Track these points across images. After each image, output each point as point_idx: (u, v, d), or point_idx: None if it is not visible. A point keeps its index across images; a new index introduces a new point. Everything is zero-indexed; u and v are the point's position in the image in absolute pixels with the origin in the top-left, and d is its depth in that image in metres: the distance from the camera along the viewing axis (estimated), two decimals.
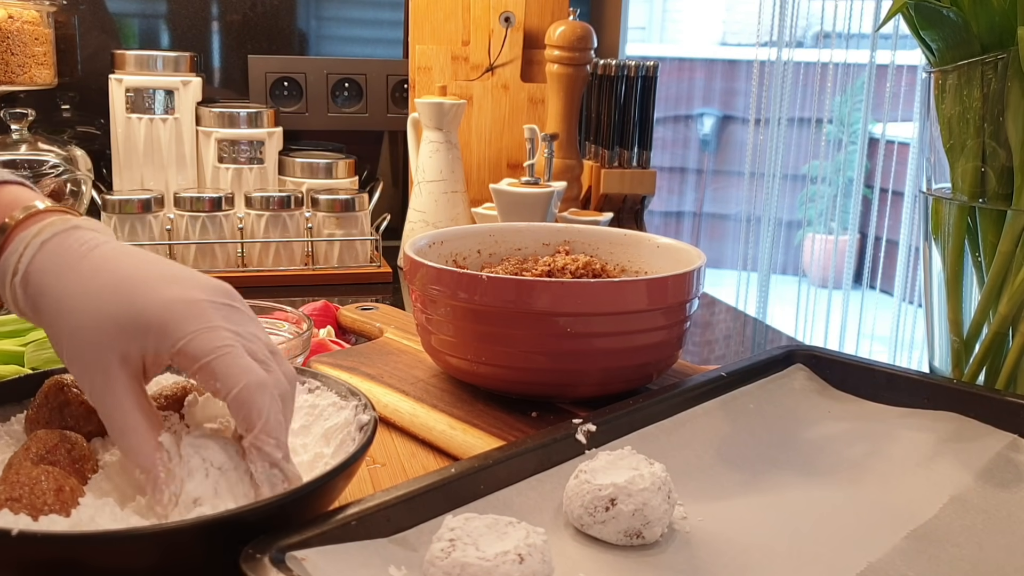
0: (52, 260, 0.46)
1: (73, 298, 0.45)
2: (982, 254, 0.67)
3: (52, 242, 0.46)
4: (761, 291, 2.55)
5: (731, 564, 0.45)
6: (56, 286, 0.45)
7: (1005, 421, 0.58)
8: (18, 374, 0.67)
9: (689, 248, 0.71)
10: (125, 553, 0.39)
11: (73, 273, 0.45)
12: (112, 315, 0.44)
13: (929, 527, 0.48)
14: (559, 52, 1.22)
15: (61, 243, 0.46)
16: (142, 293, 0.44)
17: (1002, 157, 0.64)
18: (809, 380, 0.66)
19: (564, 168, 1.24)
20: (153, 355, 0.44)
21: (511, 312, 0.60)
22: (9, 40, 1.14)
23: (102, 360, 0.44)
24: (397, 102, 1.42)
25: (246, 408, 0.43)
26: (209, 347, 0.43)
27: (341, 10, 1.42)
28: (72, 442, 0.47)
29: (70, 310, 0.44)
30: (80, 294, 0.45)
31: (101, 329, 0.44)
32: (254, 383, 0.43)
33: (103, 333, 0.44)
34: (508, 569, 0.39)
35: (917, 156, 2.24)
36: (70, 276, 0.45)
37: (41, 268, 0.45)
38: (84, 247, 0.46)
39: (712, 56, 3.93)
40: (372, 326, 0.84)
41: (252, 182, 1.26)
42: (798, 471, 0.55)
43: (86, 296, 0.44)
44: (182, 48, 1.34)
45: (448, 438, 0.60)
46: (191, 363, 0.43)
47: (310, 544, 0.40)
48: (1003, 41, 0.63)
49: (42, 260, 0.46)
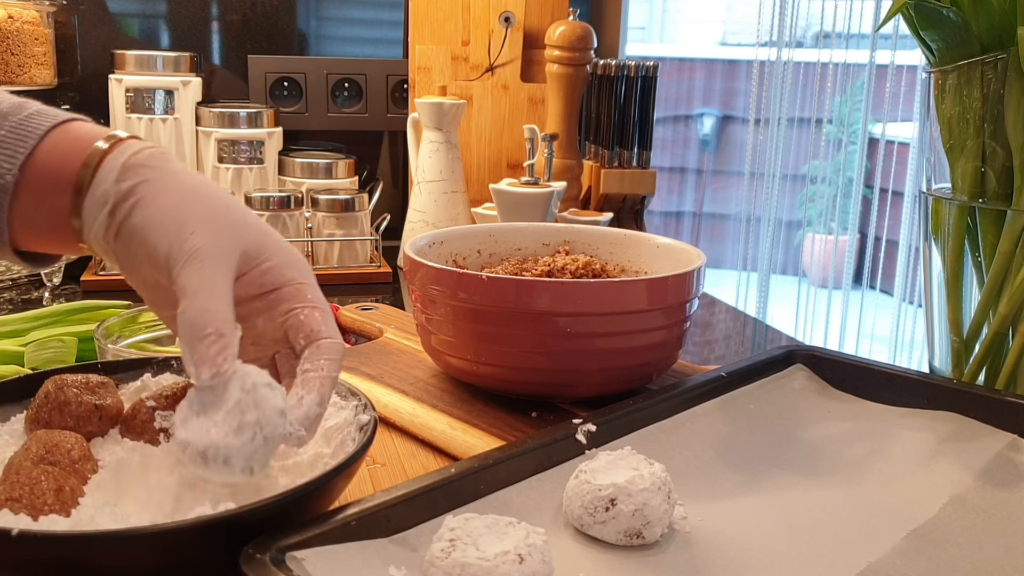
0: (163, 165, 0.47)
1: (204, 195, 0.47)
2: (982, 254, 0.67)
3: (157, 152, 0.48)
4: (761, 291, 2.55)
5: (731, 564, 0.45)
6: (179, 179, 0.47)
7: (1005, 421, 0.58)
8: (18, 374, 0.67)
9: (689, 248, 0.71)
10: (125, 553, 0.39)
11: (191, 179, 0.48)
12: (248, 225, 0.47)
13: (929, 527, 0.48)
14: (559, 52, 1.22)
15: (167, 157, 0.48)
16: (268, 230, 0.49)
17: (1002, 157, 0.64)
18: (809, 380, 0.66)
19: (564, 168, 1.24)
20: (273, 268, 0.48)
21: (511, 312, 0.60)
22: (9, 40, 1.14)
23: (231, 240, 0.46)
24: (397, 102, 1.42)
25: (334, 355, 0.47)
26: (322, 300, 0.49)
27: (341, 10, 1.42)
28: (72, 442, 0.47)
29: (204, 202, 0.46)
30: (210, 194, 0.47)
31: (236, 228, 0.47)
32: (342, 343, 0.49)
33: (238, 231, 0.46)
34: (508, 569, 0.39)
35: (917, 156, 2.24)
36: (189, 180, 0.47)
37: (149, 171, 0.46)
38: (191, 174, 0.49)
39: (712, 56, 3.93)
40: (372, 326, 0.84)
41: (252, 182, 1.26)
42: (798, 471, 0.55)
43: (217, 199, 0.47)
44: (182, 48, 1.34)
45: (448, 438, 0.60)
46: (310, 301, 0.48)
47: (310, 544, 0.40)
48: (1003, 41, 0.63)
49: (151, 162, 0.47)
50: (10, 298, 1.04)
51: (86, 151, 0.47)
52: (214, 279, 0.44)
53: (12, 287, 1.08)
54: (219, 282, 0.44)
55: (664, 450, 0.55)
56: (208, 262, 0.44)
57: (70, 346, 0.74)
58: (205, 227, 0.45)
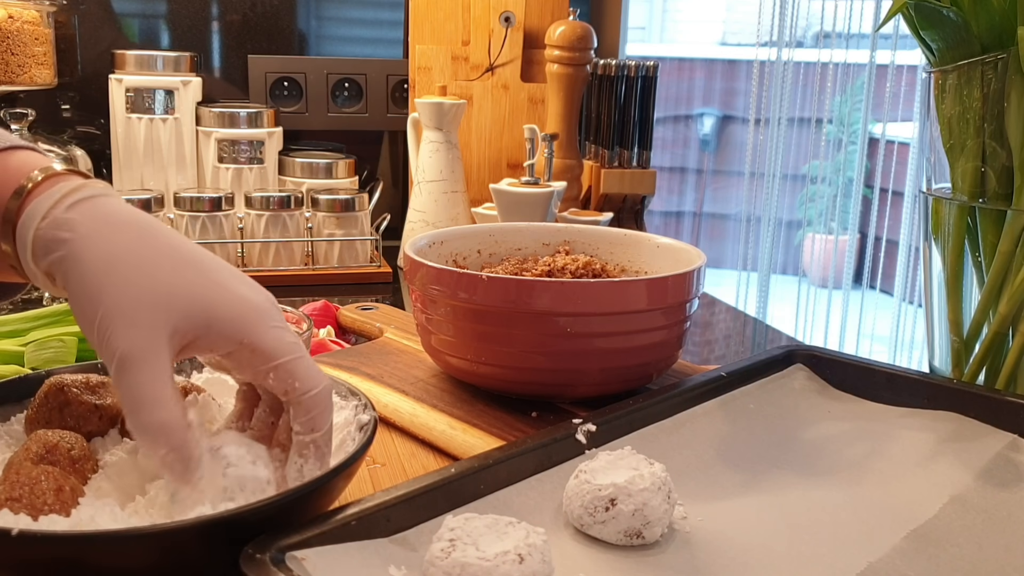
0: (95, 217, 0.43)
1: (128, 262, 0.43)
2: (982, 254, 0.67)
3: (92, 201, 0.44)
4: (761, 291, 2.55)
5: (731, 564, 0.45)
6: (105, 244, 0.43)
7: (1005, 421, 0.58)
8: (18, 374, 0.67)
9: (689, 248, 0.71)
10: (125, 553, 0.39)
11: (124, 237, 0.43)
12: (179, 292, 0.43)
13: (929, 527, 0.48)
14: (559, 52, 1.22)
15: (101, 206, 0.44)
16: (212, 282, 0.44)
17: (1002, 157, 0.64)
18: (809, 380, 0.66)
19: (564, 168, 1.24)
20: (210, 341, 0.44)
21: (511, 312, 0.60)
22: (9, 40, 1.14)
23: (153, 327, 0.42)
24: (397, 102, 1.42)
25: (319, 409, 0.45)
26: (286, 348, 0.45)
27: (341, 10, 1.42)
28: (72, 442, 0.47)
29: (124, 273, 0.42)
30: (137, 259, 0.43)
31: (163, 301, 0.42)
32: (328, 388, 0.46)
33: (164, 306, 0.42)
34: (508, 569, 0.39)
35: (917, 156, 2.24)
36: (121, 239, 0.43)
37: (85, 222, 0.43)
38: (131, 212, 0.45)
39: (712, 56, 3.93)
40: (372, 326, 0.84)
41: (252, 182, 1.26)
42: (798, 471, 0.55)
43: (146, 266, 0.43)
44: (182, 48, 1.34)
45: (448, 438, 0.60)
46: (265, 360, 0.44)
47: (310, 544, 0.40)
48: (1003, 41, 0.63)
49: (85, 213, 0.43)
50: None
51: (18, 182, 0.44)
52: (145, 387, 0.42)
53: None
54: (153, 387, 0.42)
55: (664, 450, 0.55)
56: (135, 367, 0.41)
57: (70, 346, 0.74)
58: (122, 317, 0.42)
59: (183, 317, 0.43)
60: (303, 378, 0.45)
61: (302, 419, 0.45)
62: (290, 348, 0.45)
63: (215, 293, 0.44)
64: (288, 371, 0.44)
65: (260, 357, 0.44)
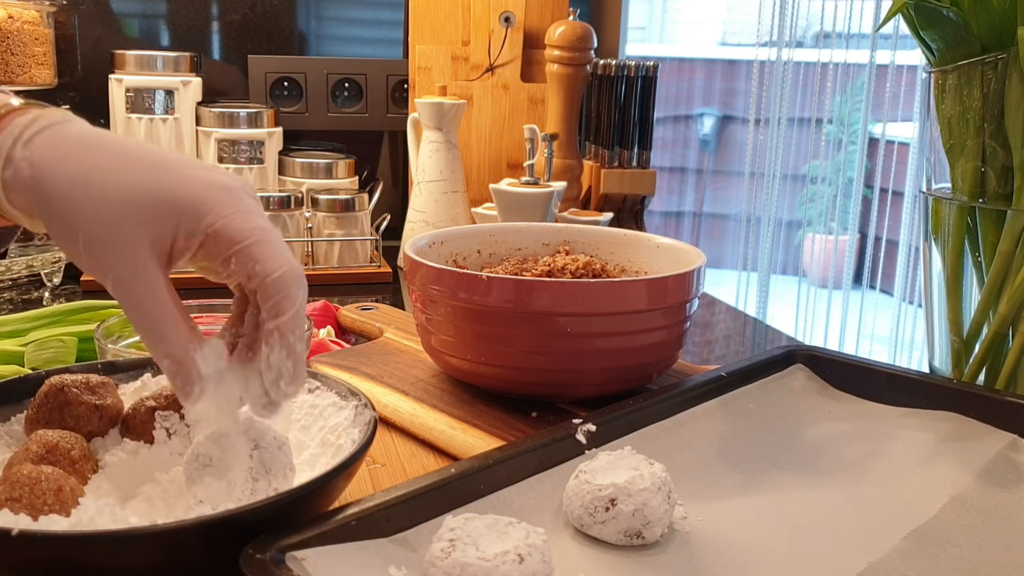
0: (54, 146, 0.43)
1: (92, 182, 0.42)
2: (982, 254, 0.67)
3: (51, 131, 0.43)
4: (761, 291, 2.55)
5: (731, 564, 0.45)
6: (67, 169, 0.42)
7: (1005, 421, 0.58)
8: (18, 374, 0.67)
9: (689, 248, 0.71)
10: (125, 553, 0.39)
11: (82, 157, 0.43)
12: (142, 196, 0.42)
13: (929, 527, 0.48)
14: (559, 52, 1.22)
15: (61, 131, 0.44)
16: (175, 173, 0.43)
17: (1002, 157, 0.64)
18: (809, 380, 0.66)
19: (564, 168, 1.24)
20: (185, 236, 0.42)
21: (511, 312, 0.60)
22: (9, 40, 1.14)
23: (131, 242, 0.41)
24: (397, 102, 1.42)
25: (282, 294, 0.43)
26: (248, 229, 0.43)
27: (341, 10, 1.42)
28: (72, 442, 0.47)
29: (90, 193, 0.42)
30: (100, 177, 0.42)
31: (130, 208, 0.42)
32: (294, 271, 0.43)
33: (133, 212, 0.42)
34: (508, 569, 0.39)
35: (917, 156, 2.24)
36: (79, 160, 0.43)
37: (44, 153, 0.43)
38: (89, 133, 0.44)
39: (712, 56, 3.93)
40: (372, 326, 0.84)
41: (252, 182, 1.26)
42: (798, 471, 0.55)
43: (107, 179, 0.42)
44: (182, 48, 1.34)
45: (448, 438, 0.60)
46: (228, 244, 0.43)
47: (310, 544, 0.40)
48: (1003, 41, 0.63)
49: (44, 143, 0.43)
50: (10, 298, 1.04)
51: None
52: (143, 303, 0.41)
53: (12, 287, 1.08)
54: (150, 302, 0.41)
55: (664, 450, 0.55)
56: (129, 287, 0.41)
57: (70, 346, 0.74)
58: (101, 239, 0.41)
59: (154, 222, 0.42)
60: (264, 260, 0.43)
61: (266, 304, 0.43)
62: (252, 232, 0.43)
63: (175, 186, 0.43)
64: (248, 255, 0.43)
65: (224, 242, 0.43)
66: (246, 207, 0.44)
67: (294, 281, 0.43)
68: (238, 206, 0.43)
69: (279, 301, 0.43)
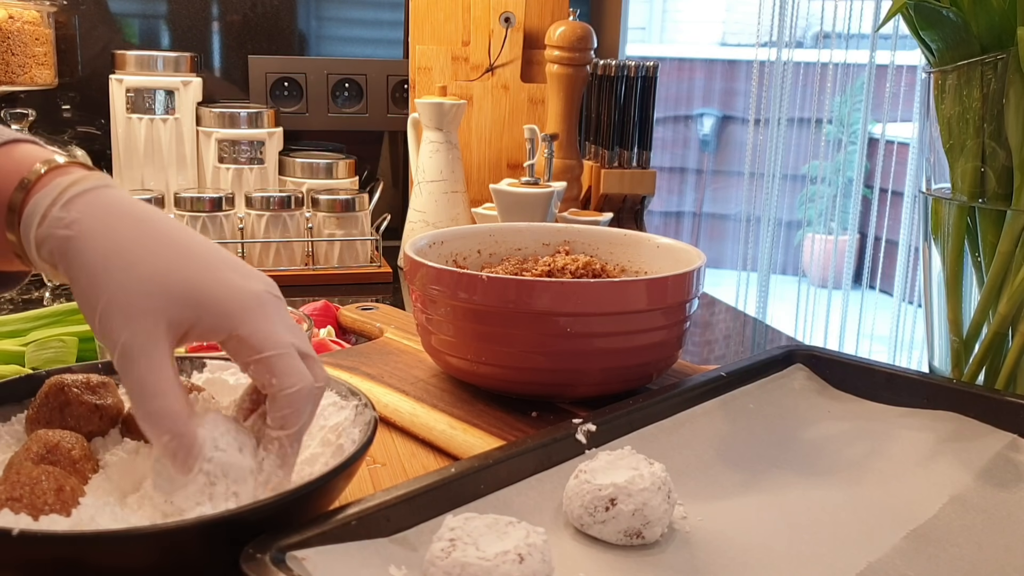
0: (95, 211, 0.44)
1: (124, 255, 0.43)
2: (982, 254, 0.67)
3: (91, 195, 0.45)
4: (761, 291, 2.55)
5: (731, 564, 0.45)
6: (102, 239, 0.43)
7: (1005, 421, 0.58)
8: (18, 374, 0.67)
9: (689, 248, 0.71)
10: (125, 553, 0.39)
11: (123, 228, 0.44)
12: (174, 282, 0.43)
13: (929, 527, 0.48)
14: (559, 52, 1.22)
15: (101, 197, 0.45)
16: (207, 271, 0.44)
17: (1002, 157, 0.64)
18: (809, 380, 0.66)
19: (564, 168, 1.24)
20: (203, 332, 0.44)
21: (511, 312, 0.60)
22: (9, 40, 1.14)
23: (148, 317, 0.43)
24: (397, 102, 1.42)
25: (292, 408, 0.45)
26: (271, 342, 0.44)
27: (341, 10, 1.42)
28: (72, 442, 0.47)
29: (120, 266, 0.43)
30: (133, 253, 0.43)
31: (158, 291, 0.43)
32: (307, 389, 0.45)
33: (160, 296, 0.43)
34: (508, 569, 0.39)
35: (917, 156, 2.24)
36: (120, 231, 0.44)
37: (83, 217, 0.44)
38: (128, 204, 0.45)
39: (712, 56, 3.93)
40: (372, 326, 0.84)
41: (252, 182, 1.26)
42: (798, 471, 0.55)
43: (143, 256, 0.44)
44: (182, 48, 1.34)
45: (448, 438, 0.60)
46: (250, 352, 0.44)
47: (310, 544, 0.40)
48: (1003, 41, 0.63)
49: (83, 208, 0.44)
50: (10, 298, 1.04)
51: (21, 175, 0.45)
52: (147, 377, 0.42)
53: None
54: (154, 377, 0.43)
55: (664, 450, 0.55)
56: (136, 358, 0.42)
57: (70, 346, 0.74)
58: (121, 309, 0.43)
59: (178, 308, 0.43)
60: (281, 375, 0.44)
61: (275, 414, 0.45)
62: (276, 343, 0.44)
63: (209, 284, 0.44)
64: (268, 366, 0.44)
65: (247, 349, 0.44)
66: (273, 319, 0.45)
67: (307, 398, 0.45)
68: (266, 318, 0.45)
69: (288, 415, 0.45)
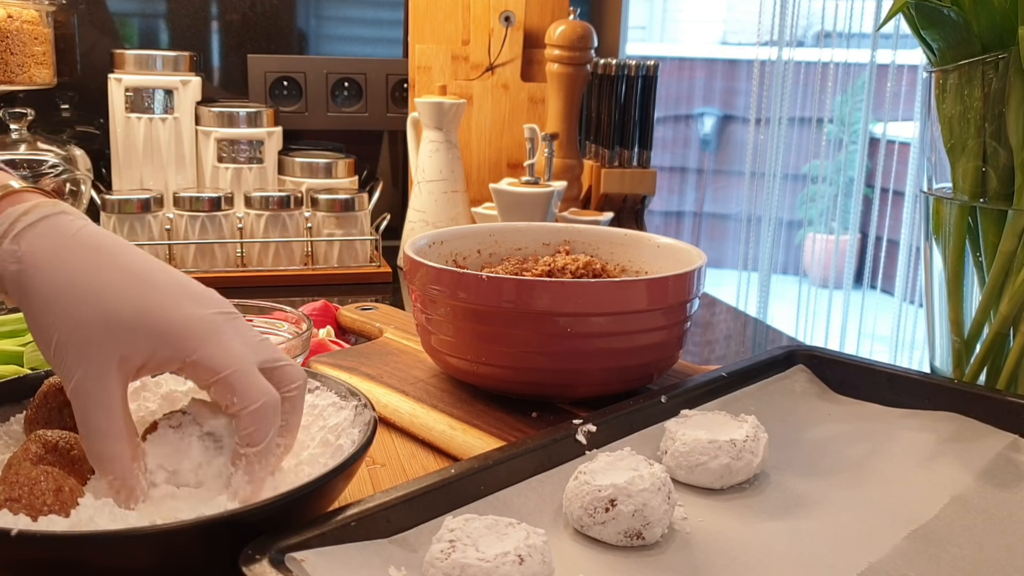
0: (45, 243, 0.44)
1: (75, 288, 0.43)
2: (983, 254, 0.66)
3: (44, 224, 0.45)
4: (762, 291, 2.55)
5: (731, 565, 0.45)
6: (53, 272, 0.44)
7: (1006, 421, 0.58)
8: (18, 374, 0.67)
9: (689, 248, 0.71)
10: (124, 553, 0.39)
11: (75, 260, 0.44)
12: (124, 316, 0.43)
13: (930, 527, 0.48)
14: (559, 51, 1.22)
15: (52, 226, 0.45)
16: (158, 301, 0.44)
17: (1003, 157, 0.64)
18: (810, 383, 0.66)
19: (564, 168, 1.24)
20: (160, 361, 0.44)
21: (511, 312, 0.60)
22: (8, 40, 1.14)
23: (102, 357, 0.43)
24: (397, 102, 1.42)
25: (256, 425, 0.45)
26: (226, 362, 0.44)
27: (341, 10, 1.42)
28: (71, 442, 0.47)
29: (72, 300, 0.43)
30: (84, 285, 0.44)
31: (112, 326, 0.43)
32: (270, 404, 0.45)
33: (113, 331, 0.43)
34: (508, 570, 0.39)
35: (918, 156, 2.24)
36: (69, 262, 0.44)
37: (33, 250, 0.44)
38: (80, 235, 0.45)
39: (712, 56, 3.93)
40: (372, 326, 0.84)
41: (251, 182, 1.26)
42: (798, 471, 0.55)
43: (91, 289, 0.44)
44: (181, 48, 1.34)
45: (448, 438, 0.60)
46: (208, 375, 0.44)
47: (309, 545, 0.40)
48: (1004, 41, 0.63)
49: (33, 241, 0.44)
50: None
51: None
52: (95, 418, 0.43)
53: None
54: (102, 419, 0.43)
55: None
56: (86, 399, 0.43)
57: None
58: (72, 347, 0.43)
59: (132, 342, 0.43)
60: (241, 393, 0.44)
61: (241, 432, 0.45)
62: (231, 362, 0.44)
63: (160, 314, 0.44)
64: (227, 385, 0.44)
65: (204, 372, 0.44)
66: (227, 339, 0.45)
67: (270, 413, 0.45)
68: (219, 340, 0.45)
69: (253, 433, 0.45)
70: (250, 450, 0.45)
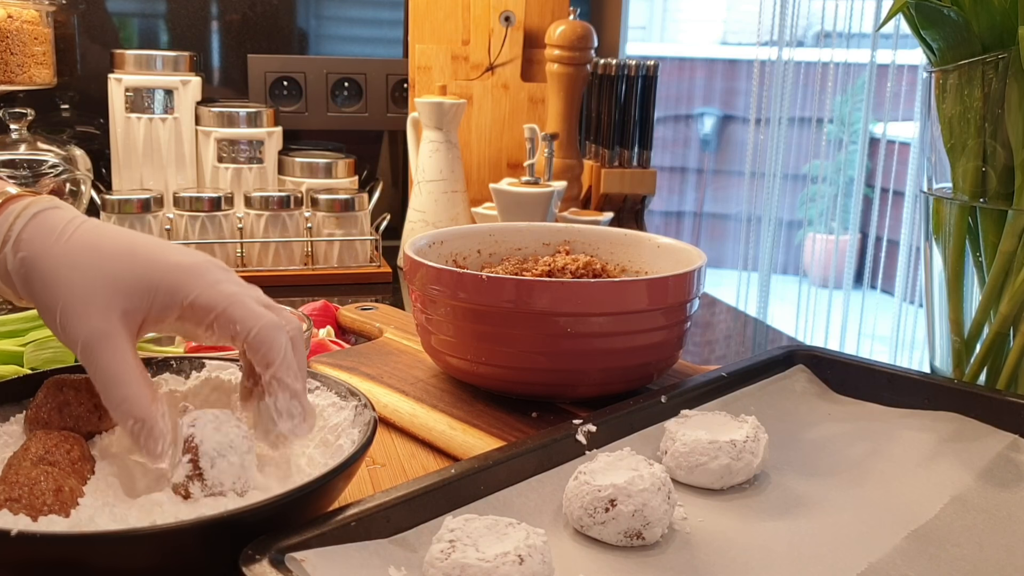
0: (43, 232, 0.47)
1: (77, 260, 0.46)
2: (983, 254, 0.66)
3: (40, 216, 0.48)
4: (762, 291, 2.54)
5: (731, 564, 0.45)
6: (51, 254, 0.46)
7: (1006, 421, 0.58)
8: (18, 374, 0.67)
9: (689, 248, 0.71)
10: (124, 553, 0.39)
11: (67, 242, 0.47)
12: (121, 276, 0.46)
13: (930, 527, 0.48)
14: (559, 51, 1.22)
15: (49, 218, 0.48)
16: (145, 257, 0.47)
17: (1003, 157, 0.64)
18: (810, 383, 0.66)
19: (564, 168, 1.24)
20: (159, 310, 0.46)
21: (511, 312, 0.60)
22: (8, 40, 1.14)
23: (105, 313, 0.45)
24: (397, 102, 1.42)
25: (266, 346, 0.47)
26: (222, 296, 0.46)
27: (341, 9, 1.42)
28: (72, 442, 0.47)
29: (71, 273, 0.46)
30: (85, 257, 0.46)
31: (109, 286, 0.46)
32: (271, 323, 0.47)
33: (111, 290, 0.45)
34: (508, 570, 0.39)
35: (918, 156, 2.24)
36: (65, 245, 0.47)
37: (32, 241, 0.47)
38: (73, 221, 0.48)
39: (712, 56, 3.93)
40: (372, 326, 0.84)
41: (251, 182, 1.26)
42: (798, 471, 0.55)
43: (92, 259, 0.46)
44: (181, 48, 1.34)
45: (448, 438, 0.60)
46: (206, 313, 0.46)
47: (309, 545, 0.40)
48: (1004, 41, 0.63)
49: (33, 231, 0.47)
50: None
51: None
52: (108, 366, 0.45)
53: None
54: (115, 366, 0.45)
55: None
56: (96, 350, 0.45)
57: None
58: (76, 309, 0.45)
59: (130, 297, 0.46)
60: (241, 320, 0.46)
61: (256, 357, 0.47)
62: (225, 298, 0.46)
63: (151, 267, 0.47)
64: (227, 317, 0.46)
65: (202, 312, 0.46)
66: (216, 279, 0.47)
67: (274, 331, 0.47)
68: (209, 279, 0.47)
69: (266, 352, 0.47)
70: (271, 370, 0.46)
